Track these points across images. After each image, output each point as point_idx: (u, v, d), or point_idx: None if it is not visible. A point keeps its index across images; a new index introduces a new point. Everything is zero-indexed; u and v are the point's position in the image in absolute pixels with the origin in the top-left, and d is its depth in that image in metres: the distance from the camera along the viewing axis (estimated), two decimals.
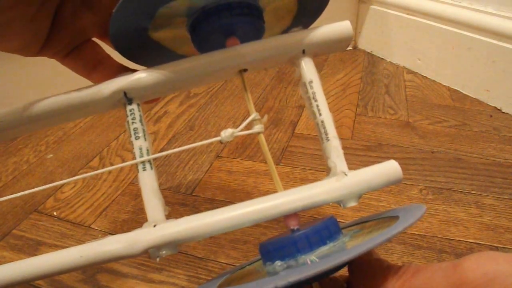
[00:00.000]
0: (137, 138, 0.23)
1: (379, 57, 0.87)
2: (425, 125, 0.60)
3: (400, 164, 0.23)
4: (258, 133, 0.24)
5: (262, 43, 0.25)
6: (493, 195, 0.45)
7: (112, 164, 0.52)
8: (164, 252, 0.21)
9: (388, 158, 0.23)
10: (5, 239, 0.41)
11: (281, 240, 0.21)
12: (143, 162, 0.23)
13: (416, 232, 0.40)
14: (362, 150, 0.54)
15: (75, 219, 0.43)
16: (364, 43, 0.91)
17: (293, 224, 0.22)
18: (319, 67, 0.82)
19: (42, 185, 0.24)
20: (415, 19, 0.77)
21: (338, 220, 0.23)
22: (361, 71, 0.80)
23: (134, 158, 0.24)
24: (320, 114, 0.24)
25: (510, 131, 0.58)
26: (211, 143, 0.56)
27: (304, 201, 0.22)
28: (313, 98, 0.24)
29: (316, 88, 0.25)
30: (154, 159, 0.23)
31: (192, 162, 0.52)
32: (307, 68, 0.25)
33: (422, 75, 0.78)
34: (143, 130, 0.24)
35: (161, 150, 0.55)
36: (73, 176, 0.50)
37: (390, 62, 0.85)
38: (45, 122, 0.25)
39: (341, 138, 0.57)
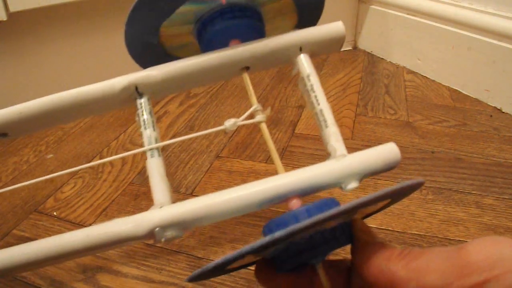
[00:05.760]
0: (146, 128, 0.25)
1: (379, 57, 0.87)
2: (425, 125, 0.60)
3: (400, 164, 0.23)
4: (260, 122, 0.26)
5: (262, 41, 0.27)
6: (493, 195, 0.45)
7: (112, 165, 0.52)
8: (169, 233, 0.21)
9: None
10: (5, 239, 0.41)
11: (283, 217, 0.21)
12: (151, 150, 0.25)
13: (416, 232, 0.40)
14: (362, 150, 0.54)
15: (75, 219, 0.43)
16: (364, 43, 0.91)
17: (296, 205, 0.22)
18: (319, 67, 0.82)
19: (42, 185, 0.24)
20: (415, 19, 0.77)
21: None
22: (361, 71, 0.80)
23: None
24: (318, 104, 0.26)
25: (510, 131, 0.58)
26: (212, 143, 0.56)
27: (306, 181, 0.22)
28: (312, 90, 0.26)
29: (314, 81, 0.27)
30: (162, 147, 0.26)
31: (192, 162, 0.52)
32: (305, 63, 0.27)
33: (422, 75, 0.78)
34: (152, 121, 0.26)
35: (161, 150, 0.55)
36: (73, 177, 0.50)
37: (390, 62, 0.85)
38: (57, 118, 0.27)
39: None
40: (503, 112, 0.64)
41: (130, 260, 0.38)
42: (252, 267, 0.35)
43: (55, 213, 0.44)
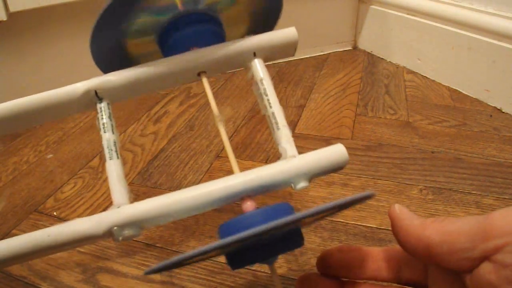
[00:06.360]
0: (105, 131, 0.26)
1: (379, 57, 0.87)
2: (425, 125, 0.60)
3: (400, 164, 0.23)
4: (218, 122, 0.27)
5: (217, 47, 0.28)
6: (493, 195, 0.45)
7: None
8: (127, 232, 0.22)
9: (388, 158, 0.23)
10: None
11: (236, 219, 0.22)
12: (110, 152, 0.25)
13: None
14: (362, 150, 0.54)
15: None
16: (364, 43, 0.91)
17: (248, 207, 0.23)
18: (319, 67, 0.82)
19: (42, 185, 0.25)
20: (415, 19, 0.77)
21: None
22: (361, 71, 0.80)
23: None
24: (271, 107, 0.27)
25: (510, 131, 0.58)
26: (212, 143, 0.56)
27: (257, 181, 0.23)
28: (264, 94, 0.27)
29: (267, 85, 0.27)
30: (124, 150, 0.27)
31: (192, 162, 0.52)
32: (259, 68, 0.28)
33: (422, 75, 0.78)
34: (111, 125, 0.27)
35: (161, 150, 0.55)
36: (73, 177, 0.50)
37: (390, 62, 0.85)
38: (21, 122, 0.27)
39: (341, 138, 0.57)
40: (503, 112, 0.64)
41: (130, 260, 0.38)
42: (253, 268, 0.35)
43: (55, 213, 0.44)
